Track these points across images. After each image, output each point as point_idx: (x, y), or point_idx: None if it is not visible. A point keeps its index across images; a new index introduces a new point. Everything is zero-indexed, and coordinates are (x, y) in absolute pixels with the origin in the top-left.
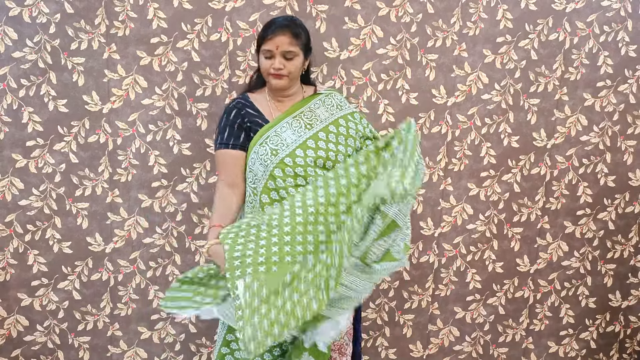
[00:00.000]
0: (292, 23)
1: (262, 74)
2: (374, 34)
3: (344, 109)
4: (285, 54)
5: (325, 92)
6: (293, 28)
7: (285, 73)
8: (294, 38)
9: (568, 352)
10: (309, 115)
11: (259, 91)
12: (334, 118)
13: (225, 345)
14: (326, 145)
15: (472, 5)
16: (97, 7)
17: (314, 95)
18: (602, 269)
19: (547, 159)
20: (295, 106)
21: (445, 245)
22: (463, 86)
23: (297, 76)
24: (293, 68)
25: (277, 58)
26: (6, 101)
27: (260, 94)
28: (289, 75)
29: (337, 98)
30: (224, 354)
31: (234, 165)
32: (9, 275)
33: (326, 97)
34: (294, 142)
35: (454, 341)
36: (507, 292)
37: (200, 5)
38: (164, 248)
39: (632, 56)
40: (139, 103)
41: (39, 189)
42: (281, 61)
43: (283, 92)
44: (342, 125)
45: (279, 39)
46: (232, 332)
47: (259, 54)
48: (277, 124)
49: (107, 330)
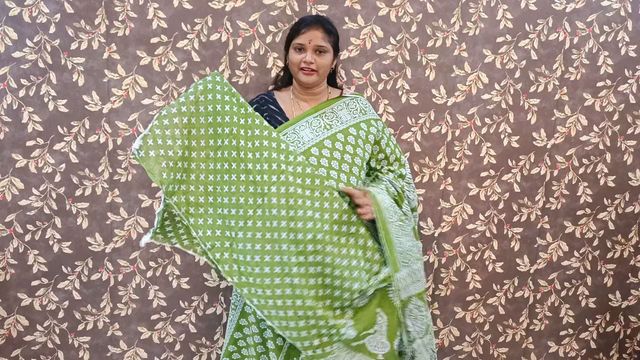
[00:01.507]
0: (324, 20)
1: (291, 70)
2: (374, 34)
3: (368, 114)
4: (317, 49)
5: (351, 95)
6: (325, 24)
7: (315, 68)
8: (326, 34)
9: (568, 352)
10: (331, 117)
11: (284, 89)
12: (355, 122)
13: (233, 343)
14: (343, 147)
15: (472, 5)
16: (97, 7)
17: (338, 97)
18: (602, 269)
19: (547, 159)
20: (318, 107)
21: (445, 245)
22: (463, 86)
23: (326, 74)
24: (323, 64)
25: (309, 52)
26: (6, 101)
27: (286, 93)
28: (318, 71)
29: (362, 103)
30: (231, 352)
31: None
32: (9, 275)
33: (351, 100)
34: (310, 140)
35: (454, 341)
36: (507, 292)
37: (200, 5)
38: (164, 248)
39: (632, 56)
40: (139, 103)
41: (39, 189)
42: (312, 56)
43: (310, 90)
44: (363, 130)
45: (312, 33)
46: (240, 330)
47: (288, 50)
48: (296, 122)
49: (107, 330)
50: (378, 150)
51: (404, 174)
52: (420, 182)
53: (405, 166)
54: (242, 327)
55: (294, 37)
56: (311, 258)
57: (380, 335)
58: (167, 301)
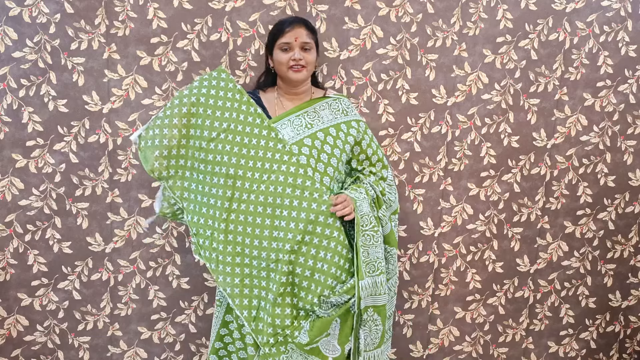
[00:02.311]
0: (304, 19)
1: (279, 70)
2: (374, 34)
3: (350, 115)
4: (304, 45)
5: (333, 96)
6: (307, 22)
7: (304, 64)
8: (309, 31)
9: (568, 352)
10: (312, 116)
11: (269, 90)
12: (336, 122)
13: (219, 339)
14: (321, 147)
15: (472, 5)
16: (97, 7)
17: (322, 97)
18: (602, 269)
19: (547, 159)
20: (301, 106)
21: (445, 245)
22: (463, 86)
23: (312, 71)
24: (311, 60)
25: (297, 50)
26: (6, 101)
27: (270, 93)
28: (307, 67)
29: (344, 103)
30: (217, 348)
31: None
32: (9, 275)
33: (334, 101)
34: (291, 138)
35: (454, 341)
36: (507, 292)
37: (200, 5)
38: (164, 248)
39: (632, 56)
40: (139, 103)
41: (39, 189)
42: (300, 53)
43: (295, 90)
44: (342, 131)
45: (297, 31)
46: (226, 326)
47: (272, 52)
48: (277, 121)
49: (107, 330)
50: (359, 151)
51: (386, 176)
52: (420, 182)
53: (388, 168)
54: (228, 323)
55: (278, 37)
56: (286, 257)
57: (333, 338)
58: (167, 301)
